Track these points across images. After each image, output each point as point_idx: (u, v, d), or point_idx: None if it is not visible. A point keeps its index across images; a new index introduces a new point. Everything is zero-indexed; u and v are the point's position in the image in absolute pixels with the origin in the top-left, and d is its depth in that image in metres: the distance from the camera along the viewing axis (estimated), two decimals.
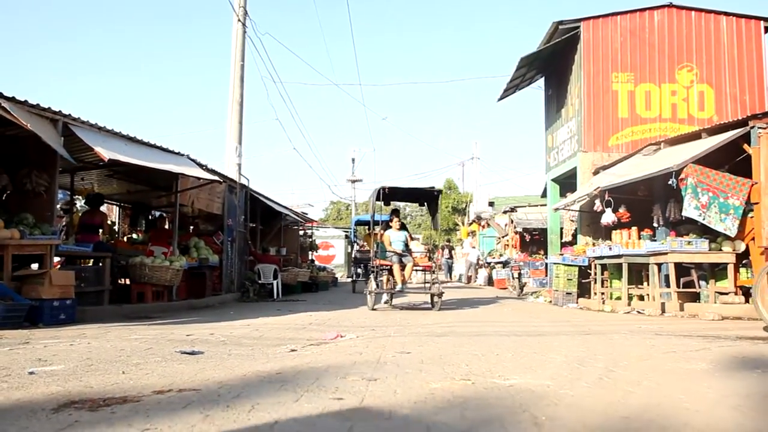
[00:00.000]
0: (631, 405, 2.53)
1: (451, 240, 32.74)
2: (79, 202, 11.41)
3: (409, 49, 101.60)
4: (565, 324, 6.93)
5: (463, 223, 30.89)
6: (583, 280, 10.75)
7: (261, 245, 15.15)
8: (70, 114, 6.68)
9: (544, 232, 16.58)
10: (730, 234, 7.86)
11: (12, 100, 5.82)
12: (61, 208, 9.95)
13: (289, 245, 17.44)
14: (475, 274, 22.00)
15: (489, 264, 20.62)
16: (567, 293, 10.60)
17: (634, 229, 9.52)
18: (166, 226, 10.82)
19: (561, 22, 12.35)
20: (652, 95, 12.24)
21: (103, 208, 10.34)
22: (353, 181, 38.07)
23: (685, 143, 9.43)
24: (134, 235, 11.83)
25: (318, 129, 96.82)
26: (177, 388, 2.76)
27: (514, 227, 19.58)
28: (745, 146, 7.88)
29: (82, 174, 9.91)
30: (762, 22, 12.19)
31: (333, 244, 29.50)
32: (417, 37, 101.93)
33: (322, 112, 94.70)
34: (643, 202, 10.08)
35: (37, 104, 6.20)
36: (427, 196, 10.60)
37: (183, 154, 9.21)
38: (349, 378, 3.06)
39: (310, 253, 20.81)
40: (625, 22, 12.36)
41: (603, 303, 9.66)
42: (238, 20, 12.72)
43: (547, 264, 13.96)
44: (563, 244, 13.59)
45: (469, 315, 8.14)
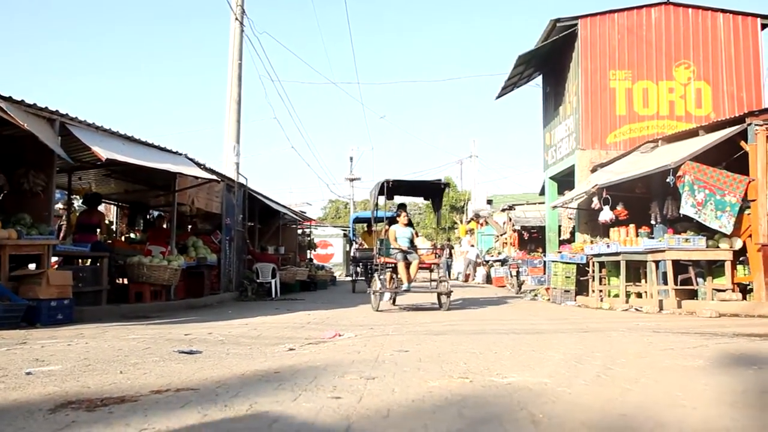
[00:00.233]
0: (629, 402, 2.54)
1: (450, 239, 32.75)
2: (77, 202, 11.39)
3: (407, 48, 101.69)
4: (563, 322, 6.94)
5: (462, 222, 30.89)
6: (582, 278, 10.76)
7: (259, 244, 15.14)
8: (67, 113, 6.67)
9: (542, 230, 16.60)
10: (725, 231, 7.88)
11: (9, 99, 5.80)
12: (64, 208, 9.94)
13: (288, 244, 17.45)
14: (474, 272, 22.03)
15: (487, 262, 20.66)
16: (565, 291, 10.62)
17: (632, 226, 9.53)
18: (164, 225, 10.80)
19: (559, 20, 12.34)
20: (650, 92, 12.25)
21: (101, 208, 10.33)
22: (351, 180, 38.09)
23: (683, 140, 9.44)
24: (132, 235, 11.83)
25: (316, 128, 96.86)
26: (175, 388, 2.75)
27: (513, 225, 19.61)
28: (742, 143, 7.90)
29: (79, 174, 9.88)
30: (759, 19, 12.20)
31: (331, 242, 29.51)
32: (415, 36, 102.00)
33: (320, 110, 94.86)
34: (641, 200, 10.10)
35: (34, 104, 6.18)
36: (433, 189, 10.22)
37: (181, 154, 9.20)
38: (347, 377, 3.06)
39: (309, 251, 20.84)
40: (623, 20, 12.37)
41: (601, 300, 9.68)
42: (236, 19, 12.70)
43: (545, 262, 13.98)
44: (561, 242, 13.60)
45: (469, 314, 8.14)
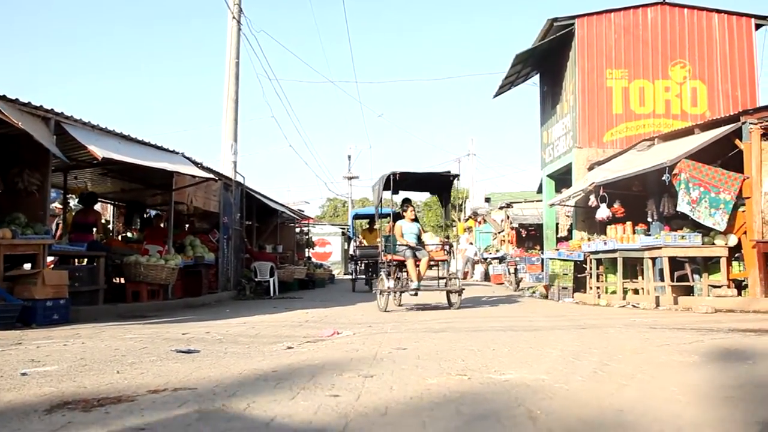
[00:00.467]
0: (625, 398, 2.55)
1: (449, 236, 32.72)
2: (73, 201, 11.35)
3: (406, 47, 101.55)
4: (560, 318, 6.96)
5: (460, 219, 30.90)
6: (579, 275, 10.79)
7: (257, 243, 15.12)
8: (62, 112, 6.64)
9: (539, 227, 16.61)
10: (719, 229, 7.92)
11: (3, 98, 5.77)
12: (59, 207, 9.89)
13: (286, 243, 17.43)
14: (472, 269, 22.05)
15: (485, 260, 20.69)
16: (563, 288, 10.65)
17: (629, 224, 9.56)
18: (162, 224, 10.78)
19: (556, 19, 12.35)
20: (646, 91, 12.27)
21: (97, 207, 10.28)
22: (349, 178, 38.10)
23: (679, 139, 9.47)
24: (129, 234, 11.80)
25: (314, 126, 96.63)
26: (172, 388, 2.75)
27: (510, 223, 19.61)
28: (737, 142, 7.93)
29: (75, 173, 9.85)
30: (753, 19, 12.22)
31: (330, 241, 29.49)
32: (413, 35, 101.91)
33: (318, 109, 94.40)
34: (638, 198, 10.13)
35: (29, 102, 6.15)
36: (442, 181, 9.68)
37: (178, 153, 9.19)
38: (346, 375, 3.06)
39: (307, 250, 20.81)
40: (619, 19, 12.39)
41: (598, 297, 9.70)
42: (233, 17, 12.67)
43: (543, 259, 14.00)
44: (559, 240, 13.62)
45: (467, 311, 8.15)
